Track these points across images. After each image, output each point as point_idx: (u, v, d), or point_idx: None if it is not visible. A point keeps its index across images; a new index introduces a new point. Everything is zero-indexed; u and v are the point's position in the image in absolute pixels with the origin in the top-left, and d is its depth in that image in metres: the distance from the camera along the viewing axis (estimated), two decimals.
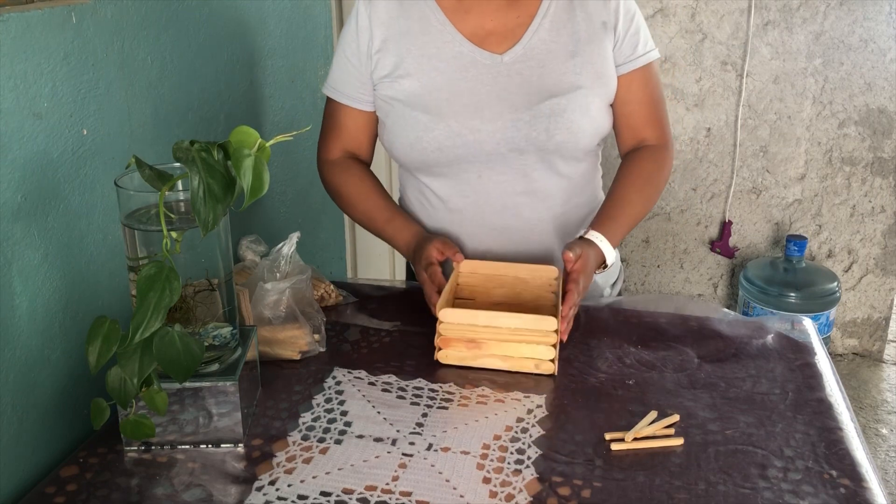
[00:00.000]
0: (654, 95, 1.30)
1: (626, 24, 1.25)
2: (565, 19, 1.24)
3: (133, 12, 1.06)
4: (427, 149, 1.24)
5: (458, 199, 1.29)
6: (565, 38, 1.23)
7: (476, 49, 1.23)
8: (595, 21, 1.24)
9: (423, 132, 1.23)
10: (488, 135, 1.23)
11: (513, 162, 1.25)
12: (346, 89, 1.30)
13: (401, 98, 1.25)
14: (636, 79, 1.27)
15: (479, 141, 1.23)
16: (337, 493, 0.86)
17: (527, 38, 1.23)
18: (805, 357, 1.14)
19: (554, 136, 1.22)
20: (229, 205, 0.85)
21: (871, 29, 2.66)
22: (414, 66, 1.24)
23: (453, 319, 1.09)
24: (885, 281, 2.94)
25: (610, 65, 1.25)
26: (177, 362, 0.85)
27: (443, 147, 1.23)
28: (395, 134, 1.26)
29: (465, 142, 1.23)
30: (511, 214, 1.29)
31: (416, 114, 1.23)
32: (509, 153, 1.24)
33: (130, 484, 0.89)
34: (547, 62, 1.23)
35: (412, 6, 1.26)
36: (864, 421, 2.62)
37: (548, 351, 1.07)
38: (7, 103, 0.85)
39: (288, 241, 1.21)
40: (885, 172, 2.82)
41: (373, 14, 1.25)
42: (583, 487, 0.87)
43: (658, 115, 1.31)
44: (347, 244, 2.18)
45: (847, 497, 0.86)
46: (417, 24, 1.25)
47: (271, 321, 1.13)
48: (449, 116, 1.22)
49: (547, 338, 1.07)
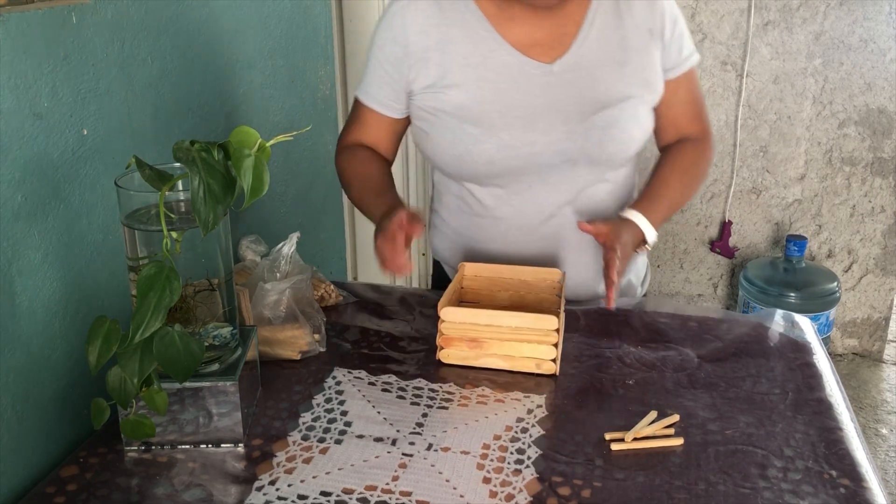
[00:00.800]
0: (697, 95, 1.32)
1: (672, 29, 1.23)
2: (612, 27, 1.22)
3: (133, 12, 1.06)
4: (477, 161, 1.21)
5: (505, 208, 1.27)
6: (613, 47, 1.21)
7: (524, 58, 1.20)
8: (642, 28, 1.22)
9: (473, 145, 1.20)
10: (543, 147, 1.20)
11: (565, 172, 1.23)
12: (379, 95, 1.27)
13: (448, 110, 1.21)
14: (682, 82, 1.27)
15: (533, 154, 1.21)
16: (337, 493, 0.86)
17: (576, 47, 1.20)
18: (805, 357, 1.14)
19: (607, 148, 1.21)
20: (229, 205, 0.85)
21: (871, 29, 2.66)
22: (459, 76, 1.20)
23: (455, 318, 1.09)
24: (885, 281, 2.94)
25: (657, 71, 1.24)
26: (177, 362, 0.85)
27: (494, 160, 1.21)
28: (441, 146, 1.23)
29: (518, 154, 1.20)
30: (558, 223, 1.27)
31: (466, 126, 1.19)
32: (562, 164, 1.22)
33: (130, 484, 0.89)
34: (597, 71, 1.20)
35: (453, 11, 1.21)
36: (864, 421, 2.62)
37: (549, 350, 1.07)
38: (7, 103, 0.85)
39: (288, 241, 1.21)
40: (885, 172, 2.82)
41: (411, 19, 1.20)
42: (583, 487, 0.87)
43: (700, 112, 1.32)
44: (347, 244, 2.18)
45: (847, 497, 0.86)
46: (460, 32, 1.20)
47: (271, 321, 1.13)
48: (501, 129, 1.19)
49: (548, 337, 1.07)
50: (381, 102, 1.27)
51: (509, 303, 1.23)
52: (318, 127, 1.75)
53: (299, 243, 1.24)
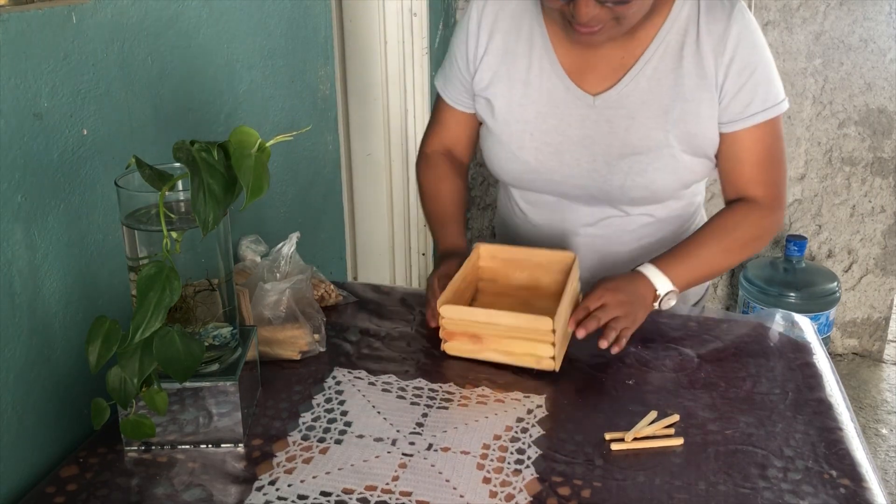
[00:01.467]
0: (766, 155, 1.18)
1: (739, 81, 1.13)
2: (670, 69, 1.15)
3: (133, 12, 1.06)
4: (501, 173, 1.28)
5: (539, 217, 1.32)
6: (664, 90, 1.15)
7: (571, 84, 1.19)
8: (702, 73, 1.14)
9: (502, 159, 1.26)
10: (564, 178, 1.23)
11: (588, 202, 1.26)
12: (450, 90, 1.32)
13: (486, 118, 1.27)
14: (745, 138, 1.17)
15: (554, 181, 1.24)
16: (337, 493, 0.86)
17: (624, 83, 1.17)
18: (805, 357, 1.14)
19: (628, 193, 1.21)
20: (229, 205, 0.85)
21: (871, 29, 2.66)
22: (504, 89, 1.23)
23: (453, 315, 1.10)
24: (885, 281, 2.94)
25: (707, 125, 1.16)
26: (177, 362, 0.85)
27: (519, 177, 1.27)
28: (487, 146, 1.29)
29: (540, 176, 1.25)
30: (584, 243, 1.30)
31: (501, 138, 1.25)
32: (584, 196, 1.25)
33: (130, 484, 0.89)
34: (638, 114, 1.16)
35: (522, 22, 1.22)
36: (864, 421, 2.62)
37: (547, 349, 1.07)
38: (7, 103, 0.85)
39: (288, 241, 1.21)
40: (885, 172, 2.82)
41: (483, 20, 1.24)
42: (583, 487, 0.87)
43: (768, 176, 1.19)
44: (347, 244, 2.18)
45: (847, 497, 0.86)
46: (522, 46, 1.22)
47: (271, 321, 1.13)
48: (528, 152, 1.23)
49: (544, 337, 1.07)
50: (456, 100, 1.32)
51: (526, 283, 1.24)
52: (318, 127, 1.75)
53: (299, 243, 1.24)
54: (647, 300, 1.14)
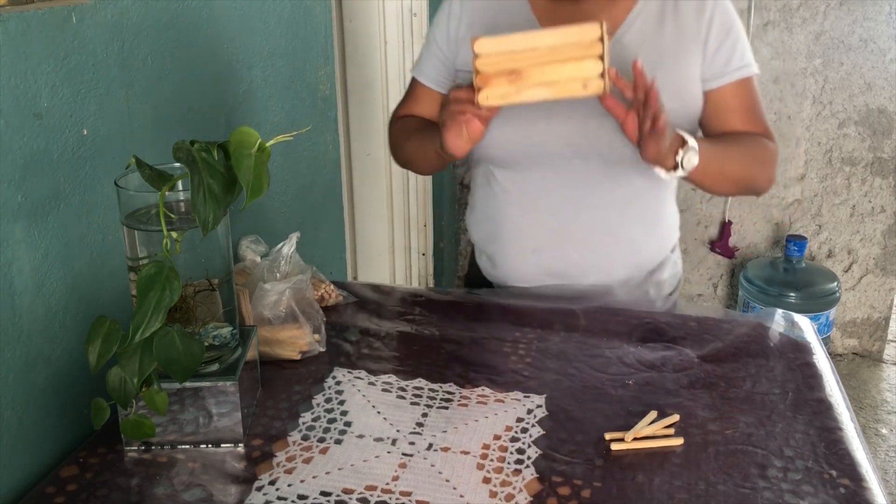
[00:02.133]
0: (751, 106, 1.24)
1: (720, 37, 1.20)
2: (653, 30, 1.20)
3: (133, 12, 1.06)
4: (492, 146, 1.25)
5: (521, 195, 1.30)
6: (649, 50, 1.19)
7: None
8: (685, 34, 1.20)
9: (494, 128, 1.22)
10: (554, 138, 1.23)
11: (577, 168, 1.25)
12: (430, 71, 1.33)
13: None
14: (729, 92, 1.22)
15: (544, 143, 1.23)
16: (337, 493, 0.86)
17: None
18: (805, 357, 1.14)
19: (618, 149, 1.21)
20: (229, 205, 0.85)
21: (871, 29, 2.66)
22: None
23: (490, 49, 1.02)
24: (885, 281, 2.94)
25: (694, 83, 1.21)
26: (177, 362, 0.85)
27: (508, 146, 1.25)
28: None
29: (531, 143, 1.24)
30: (568, 218, 1.28)
31: None
32: (574, 159, 1.24)
33: (130, 484, 0.89)
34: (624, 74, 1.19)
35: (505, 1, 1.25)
36: (864, 421, 2.62)
37: (595, 65, 1.00)
38: (7, 103, 0.85)
39: (288, 241, 1.22)
40: (884, 172, 2.82)
41: (465, 1, 1.27)
42: (583, 487, 0.87)
43: (757, 123, 1.25)
44: (347, 244, 2.18)
45: (847, 497, 0.86)
46: (506, 19, 1.24)
47: (271, 321, 1.13)
48: (518, 118, 1.22)
49: (591, 49, 1.00)
50: (431, 78, 1.33)
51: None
52: (318, 127, 1.75)
53: (299, 243, 1.24)
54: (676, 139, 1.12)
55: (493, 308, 1.28)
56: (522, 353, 1.15)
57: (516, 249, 1.32)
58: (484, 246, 1.39)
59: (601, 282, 1.31)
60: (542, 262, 1.31)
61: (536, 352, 1.15)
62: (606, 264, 1.30)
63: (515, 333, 1.20)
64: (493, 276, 1.39)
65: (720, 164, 1.20)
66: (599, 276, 1.31)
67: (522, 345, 1.17)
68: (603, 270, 1.31)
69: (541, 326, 1.22)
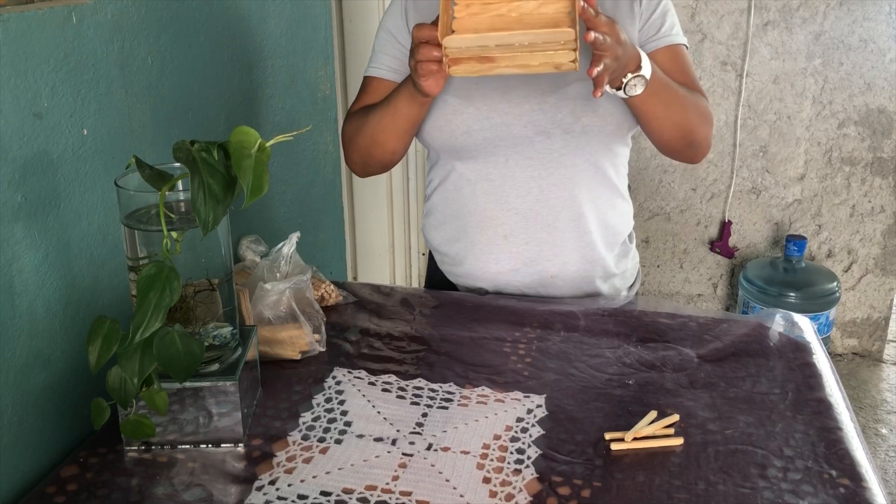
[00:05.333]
0: (684, 69, 1.27)
1: (651, 6, 1.25)
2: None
3: (133, 12, 1.06)
4: (455, 132, 1.26)
5: (485, 183, 1.30)
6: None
7: None
8: (622, 3, 1.25)
9: (452, 115, 1.25)
10: (516, 117, 1.24)
11: (540, 146, 1.26)
12: (384, 62, 1.32)
13: None
14: (662, 56, 1.26)
15: (506, 124, 1.24)
16: (337, 492, 0.86)
17: None
18: (805, 357, 1.14)
19: (580, 119, 1.23)
20: (229, 205, 0.85)
21: (871, 29, 2.66)
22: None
23: (459, 45, 0.97)
24: (885, 281, 2.94)
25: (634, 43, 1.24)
26: (177, 362, 0.85)
27: (471, 130, 1.25)
28: (430, 110, 1.27)
29: (492, 124, 1.25)
30: (535, 199, 1.29)
31: (446, 97, 1.25)
32: (536, 137, 1.25)
33: (131, 484, 0.89)
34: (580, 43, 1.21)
35: None
36: (864, 421, 2.62)
37: (567, 55, 0.99)
38: (7, 103, 0.85)
39: (288, 241, 1.22)
40: (884, 172, 2.82)
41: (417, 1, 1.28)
42: (583, 487, 0.87)
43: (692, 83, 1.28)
44: (347, 244, 2.18)
45: (847, 497, 0.86)
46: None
47: (271, 321, 1.13)
48: (477, 99, 1.24)
49: (566, 46, 0.98)
50: (386, 66, 1.32)
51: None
52: (318, 127, 1.75)
53: (299, 243, 1.24)
54: (631, 64, 1.13)
55: (493, 308, 1.28)
56: (522, 353, 1.15)
57: (486, 239, 1.32)
58: (447, 248, 1.37)
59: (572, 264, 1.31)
60: (514, 247, 1.31)
61: (536, 352, 1.15)
62: (576, 244, 1.30)
63: (515, 333, 1.20)
64: (458, 276, 1.38)
65: (667, 97, 1.20)
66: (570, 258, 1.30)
67: (522, 345, 1.17)
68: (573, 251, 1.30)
69: (541, 326, 1.22)
